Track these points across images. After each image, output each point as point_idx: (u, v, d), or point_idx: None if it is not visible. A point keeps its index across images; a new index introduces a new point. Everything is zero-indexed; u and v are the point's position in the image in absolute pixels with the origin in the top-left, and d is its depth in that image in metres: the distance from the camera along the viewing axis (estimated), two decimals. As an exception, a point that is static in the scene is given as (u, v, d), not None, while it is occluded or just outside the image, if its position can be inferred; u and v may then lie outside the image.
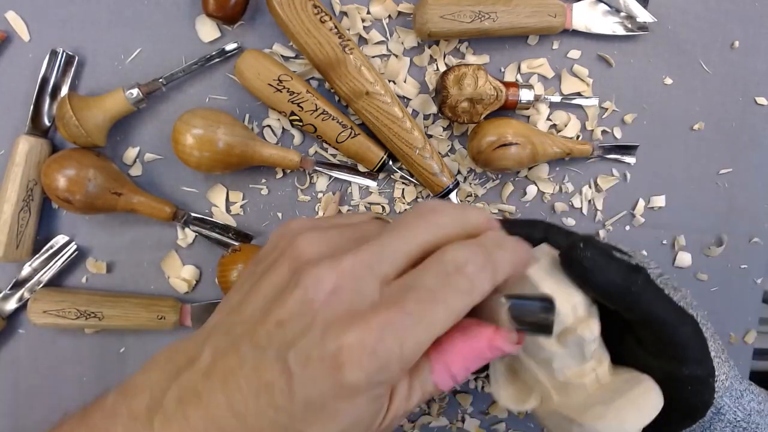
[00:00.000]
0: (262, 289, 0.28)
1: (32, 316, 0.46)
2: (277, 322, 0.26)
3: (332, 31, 0.45)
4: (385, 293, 0.27)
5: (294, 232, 0.29)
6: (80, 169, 0.44)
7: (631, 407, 0.34)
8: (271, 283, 0.28)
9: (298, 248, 0.28)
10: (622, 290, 0.35)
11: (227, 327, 0.28)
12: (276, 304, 0.27)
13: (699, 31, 0.53)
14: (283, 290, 0.27)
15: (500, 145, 0.47)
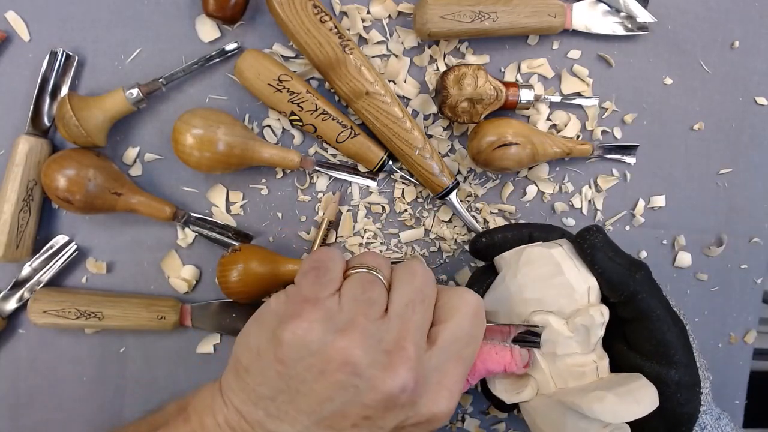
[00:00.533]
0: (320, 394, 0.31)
1: (32, 316, 0.46)
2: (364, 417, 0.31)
3: (332, 31, 0.45)
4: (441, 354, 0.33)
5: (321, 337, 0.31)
6: (80, 169, 0.44)
7: (630, 397, 0.35)
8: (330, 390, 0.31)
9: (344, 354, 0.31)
10: (624, 278, 0.37)
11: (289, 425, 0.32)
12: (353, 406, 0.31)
13: (699, 31, 0.53)
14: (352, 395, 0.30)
15: (500, 145, 0.47)
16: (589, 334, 0.37)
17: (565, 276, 0.37)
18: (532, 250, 0.39)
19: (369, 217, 0.51)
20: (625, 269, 0.37)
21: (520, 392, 0.39)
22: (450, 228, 0.52)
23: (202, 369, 0.51)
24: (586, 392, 0.36)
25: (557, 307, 0.37)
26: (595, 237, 0.38)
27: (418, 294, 0.34)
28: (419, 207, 0.52)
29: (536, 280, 0.38)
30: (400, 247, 0.52)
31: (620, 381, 0.37)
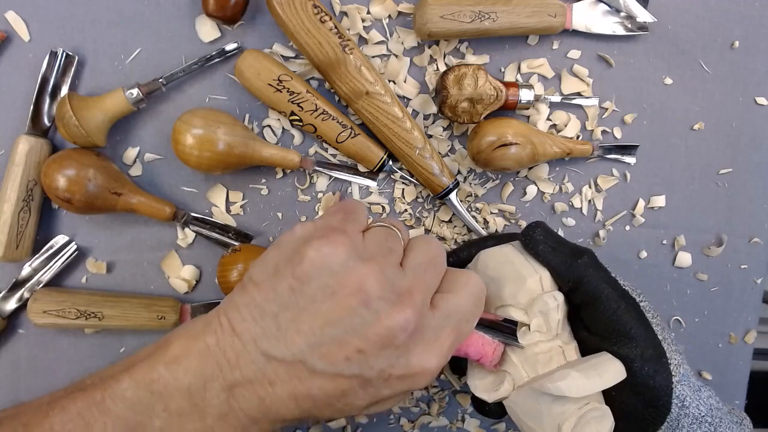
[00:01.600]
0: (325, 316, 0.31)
1: (32, 316, 0.46)
2: (359, 350, 0.31)
3: (332, 31, 0.45)
4: (440, 320, 0.34)
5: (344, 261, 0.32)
6: (80, 169, 0.44)
7: (593, 371, 0.36)
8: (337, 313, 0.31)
9: (361, 281, 0.32)
10: (567, 266, 0.39)
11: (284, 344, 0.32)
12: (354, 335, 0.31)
13: (699, 31, 0.53)
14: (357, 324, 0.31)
15: (500, 145, 0.47)
16: (548, 319, 0.38)
17: (516, 269, 0.39)
18: (486, 252, 0.42)
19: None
20: (568, 257, 0.39)
21: (498, 389, 0.40)
22: (450, 228, 0.52)
23: (202, 369, 0.51)
24: (552, 373, 0.37)
25: (514, 300, 0.39)
26: (534, 231, 0.40)
27: (431, 260, 0.35)
28: (419, 207, 0.52)
29: (493, 278, 0.40)
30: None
31: (585, 359, 0.38)
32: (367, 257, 0.33)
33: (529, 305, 0.39)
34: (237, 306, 0.33)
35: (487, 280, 0.40)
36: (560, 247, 0.40)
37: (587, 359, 0.38)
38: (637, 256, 0.55)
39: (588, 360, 0.37)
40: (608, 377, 0.36)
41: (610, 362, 0.37)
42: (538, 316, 0.38)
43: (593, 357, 0.38)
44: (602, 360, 0.37)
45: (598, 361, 0.37)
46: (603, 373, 0.36)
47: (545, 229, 0.41)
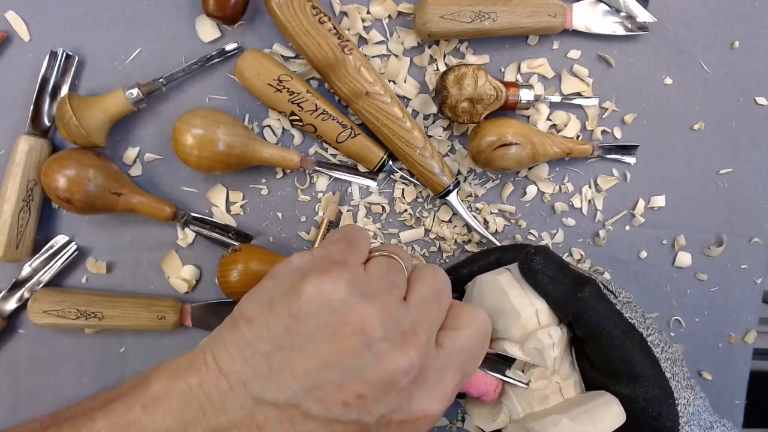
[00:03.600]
0: (323, 358, 0.29)
1: (32, 316, 0.46)
2: (358, 395, 0.29)
3: (331, 32, 0.45)
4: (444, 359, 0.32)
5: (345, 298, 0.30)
6: (80, 169, 0.44)
7: (586, 417, 0.34)
8: (336, 355, 0.29)
9: (363, 321, 0.29)
10: (567, 299, 0.37)
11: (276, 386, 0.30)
12: (353, 378, 0.29)
13: (699, 31, 0.53)
14: (357, 366, 0.29)
15: (500, 145, 0.47)
16: (543, 356, 0.37)
17: (511, 301, 0.37)
18: (482, 279, 0.40)
19: (369, 217, 0.51)
20: (568, 288, 0.37)
21: (495, 420, 0.39)
22: (450, 228, 0.52)
23: (202, 369, 0.51)
24: (544, 416, 0.35)
25: (508, 334, 0.37)
26: (532, 260, 0.38)
27: (436, 293, 0.33)
28: (419, 207, 0.52)
29: (488, 308, 0.38)
30: (400, 248, 0.52)
31: (581, 401, 0.36)
32: (369, 293, 0.30)
33: (523, 340, 0.37)
34: (225, 343, 0.31)
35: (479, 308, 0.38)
36: (560, 276, 0.37)
37: (584, 401, 0.36)
38: (637, 256, 0.55)
39: (584, 403, 0.36)
40: (602, 425, 0.34)
41: (607, 407, 0.35)
42: (533, 353, 0.37)
43: (591, 398, 0.36)
44: (599, 404, 0.35)
45: (594, 405, 0.35)
46: (597, 420, 0.34)
47: (545, 256, 0.38)
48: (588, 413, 0.35)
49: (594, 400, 0.36)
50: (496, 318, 0.38)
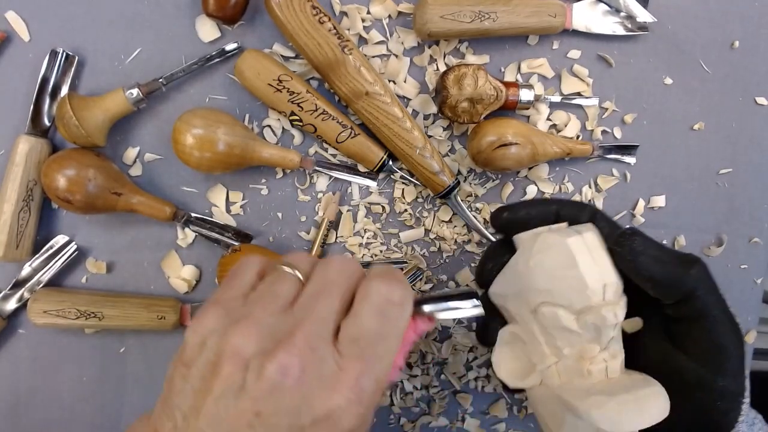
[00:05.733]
0: (215, 392, 0.29)
1: (32, 316, 0.46)
2: (255, 413, 0.29)
3: (331, 32, 0.45)
4: (342, 350, 0.30)
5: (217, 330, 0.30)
6: (80, 169, 0.44)
7: (634, 406, 0.32)
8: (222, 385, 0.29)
9: (235, 345, 0.29)
10: (677, 278, 0.34)
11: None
12: (244, 400, 0.28)
13: (699, 31, 0.53)
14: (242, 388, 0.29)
15: (500, 145, 0.47)
16: (600, 333, 0.35)
17: (579, 270, 0.34)
18: (548, 237, 0.36)
19: (369, 217, 0.51)
20: (676, 268, 0.34)
21: (524, 379, 0.37)
22: (450, 228, 0.52)
23: (202, 369, 0.51)
24: (588, 395, 0.34)
25: (567, 301, 0.35)
26: (632, 241, 0.35)
27: (326, 285, 0.32)
28: (419, 207, 0.52)
29: (548, 270, 0.35)
30: (400, 247, 0.52)
31: (628, 385, 0.34)
32: (240, 316, 0.30)
33: (582, 312, 0.35)
34: (158, 405, 0.33)
35: (538, 268, 0.36)
36: (664, 256, 0.35)
37: (631, 386, 0.34)
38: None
39: (632, 389, 0.34)
40: (648, 417, 0.33)
41: (656, 399, 0.33)
42: (590, 327, 0.35)
43: (639, 384, 0.34)
44: (647, 394, 0.34)
45: (645, 394, 0.33)
46: (645, 411, 0.33)
47: (644, 237, 0.35)
48: (637, 402, 0.33)
49: (644, 388, 0.34)
50: (556, 283, 0.35)
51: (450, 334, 0.53)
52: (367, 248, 0.52)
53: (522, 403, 0.54)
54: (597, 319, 0.34)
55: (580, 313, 0.34)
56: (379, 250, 0.52)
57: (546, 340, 0.36)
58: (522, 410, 0.54)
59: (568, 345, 0.35)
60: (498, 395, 0.54)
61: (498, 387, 0.53)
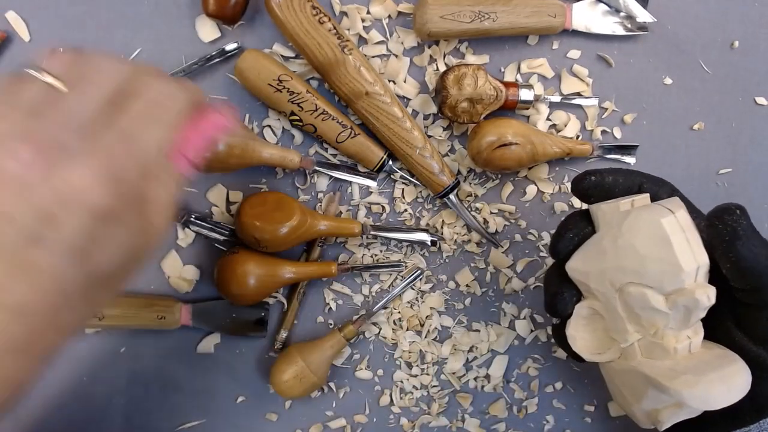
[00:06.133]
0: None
1: (32, 316, 0.46)
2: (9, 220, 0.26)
3: (331, 32, 0.45)
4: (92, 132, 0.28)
5: None
6: (80, 169, 0.44)
7: (721, 383, 0.33)
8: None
9: None
10: (761, 270, 0.34)
11: None
12: None
13: (699, 31, 0.53)
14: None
15: (500, 145, 0.47)
16: (689, 314, 0.34)
17: (674, 252, 0.33)
18: (640, 216, 0.35)
19: (369, 217, 0.52)
20: (765, 259, 0.34)
21: (601, 354, 0.38)
22: (450, 228, 0.52)
23: (202, 369, 0.51)
24: (676, 374, 0.34)
25: (658, 283, 0.34)
26: (738, 223, 0.33)
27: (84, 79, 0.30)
28: (419, 207, 0.52)
29: (639, 250, 0.34)
30: (400, 247, 0.52)
31: (714, 363, 0.35)
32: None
33: (673, 293, 0.34)
34: None
35: (627, 247, 0.34)
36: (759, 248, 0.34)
37: (716, 364, 0.34)
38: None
39: (718, 366, 0.34)
40: (735, 394, 0.33)
41: (741, 375, 0.34)
42: (680, 309, 0.34)
43: (723, 360, 0.35)
44: (733, 371, 0.34)
45: (728, 371, 0.34)
46: (731, 389, 0.33)
47: (749, 222, 0.34)
48: (724, 380, 0.33)
49: (730, 366, 0.34)
50: (648, 264, 0.34)
51: (450, 334, 0.53)
52: (368, 248, 0.52)
53: (522, 403, 0.54)
54: (689, 302, 0.34)
55: (670, 294, 0.34)
56: (379, 250, 0.52)
57: (629, 317, 0.36)
58: (522, 410, 0.54)
59: (654, 324, 0.35)
60: (498, 395, 0.54)
61: (498, 387, 0.53)
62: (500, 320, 0.53)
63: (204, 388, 0.52)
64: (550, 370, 0.54)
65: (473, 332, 0.53)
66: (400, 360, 0.53)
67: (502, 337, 0.53)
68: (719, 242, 0.34)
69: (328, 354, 0.49)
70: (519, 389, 0.54)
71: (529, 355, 0.54)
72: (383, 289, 0.52)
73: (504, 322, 0.53)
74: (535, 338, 0.53)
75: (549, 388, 0.54)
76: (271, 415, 0.52)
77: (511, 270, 0.53)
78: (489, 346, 0.53)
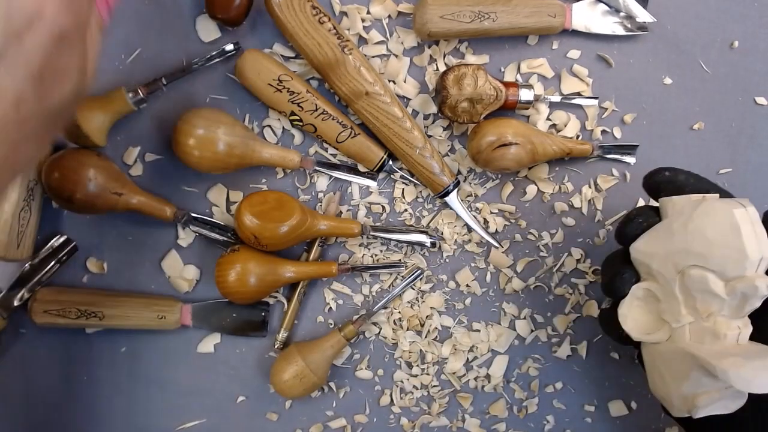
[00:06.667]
0: None
1: (33, 316, 0.46)
2: None
3: (331, 32, 0.45)
4: None
5: None
6: (80, 169, 0.44)
7: (764, 372, 0.34)
8: None
9: None
10: None
11: None
12: None
13: (699, 31, 0.53)
14: None
15: (500, 145, 0.47)
16: (745, 302, 0.36)
17: (742, 241, 0.35)
18: (713, 204, 0.37)
19: (369, 217, 0.52)
20: None
21: (651, 334, 0.39)
22: (450, 228, 0.52)
23: (203, 369, 0.51)
24: (724, 355, 0.35)
25: (722, 268, 0.36)
26: None
27: None
28: (419, 207, 0.52)
29: (707, 236, 0.36)
30: (401, 247, 0.52)
31: (759, 353, 0.36)
32: None
33: (733, 280, 0.36)
34: None
35: (696, 232, 0.36)
36: None
37: (760, 353, 0.36)
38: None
39: (762, 356, 0.36)
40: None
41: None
42: (737, 295, 0.36)
43: (766, 351, 0.36)
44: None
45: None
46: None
47: None
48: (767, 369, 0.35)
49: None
50: (715, 249, 0.36)
51: (450, 333, 0.53)
52: (368, 248, 0.52)
53: (522, 403, 0.54)
54: (749, 289, 0.35)
55: (730, 280, 0.36)
56: (379, 250, 0.52)
57: (685, 300, 0.38)
58: (522, 410, 0.54)
59: (708, 309, 0.37)
60: (498, 395, 0.54)
61: (498, 387, 0.53)
62: (500, 320, 0.53)
63: (204, 388, 0.52)
64: (550, 370, 0.54)
65: (473, 332, 0.53)
66: (401, 360, 0.53)
67: (502, 337, 0.53)
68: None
69: (328, 354, 0.49)
70: (519, 389, 0.54)
71: (529, 355, 0.54)
72: (383, 289, 0.52)
73: (504, 322, 0.53)
74: (535, 338, 0.53)
75: (549, 388, 0.54)
76: (272, 414, 0.52)
77: (511, 270, 0.53)
78: (489, 346, 0.53)
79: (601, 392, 0.54)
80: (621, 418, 0.54)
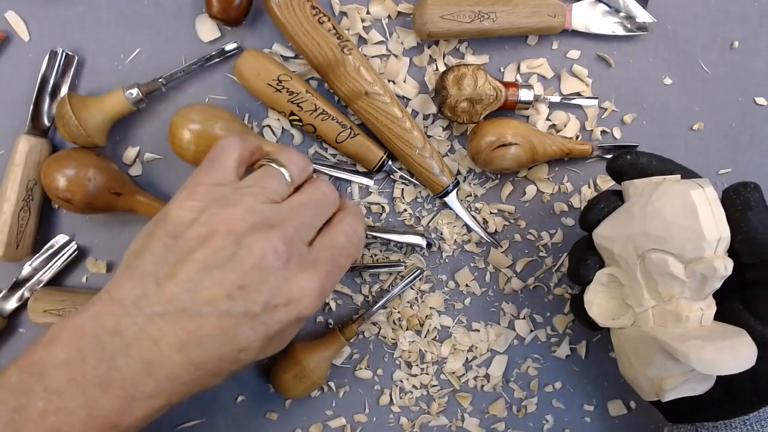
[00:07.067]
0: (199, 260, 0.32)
1: (33, 316, 0.46)
2: (239, 286, 0.32)
3: (331, 32, 0.45)
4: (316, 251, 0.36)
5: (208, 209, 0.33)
6: (80, 169, 0.44)
7: (729, 351, 0.34)
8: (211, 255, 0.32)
9: (229, 222, 0.32)
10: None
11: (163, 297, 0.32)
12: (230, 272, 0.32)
13: (699, 31, 0.53)
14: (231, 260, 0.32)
15: (500, 145, 0.47)
16: (705, 284, 0.36)
17: (699, 222, 0.35)
18: (671, 186, 0.37)
19: (369, 217, 0.52)
20: None
21: (616, 319, 0.39)
22: (450, 228, 0.52)
23: (202, 368, 0.51)
24: (685, 339, 0.35)
25: (680, 250, 0.36)
26: (751, 195, 0.36)
27: (314, 201, 0.37)
28: (419, 207, 0.52)
29: (665, 218, 0.36)
30: (400, 247, 0.52)
31: (722, 333, 0.36)
32: (232, 200, 0.33)
33: (692, 261, 0.36)
34: (118, 278, 0.33)
35: (655, 214, 0.36)
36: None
37: (725, 334, 0.36)
38: (637, 256, 0.55)
39: (726, 336, 0.36)
40: (741, 362, 0.35)
41: (748, 347, 0.35)
42: (697, 277, 0.36)
43: (731, 333, 0.36)
44: (740, 342, 0.36)
45: (736, 342, 0.35)
46: (738, 356, 0.35)
47: (761, 196, 0.36)
48: (731, 348, 0.35)
49: (737, 337, 0.36)
50: (673, 231, 0.36)
51: (450, 333, 0.53)
52: (367, 248, 0.52)
53: (521, 403, 0.54)
54: (707, 270, 0.35)
55: (689, 262, 0.36)
56: (379, 250, 0.52)
57: (647, 284, 0.38)
58: (521, 410, 0.54)
59: (670, 292, 0.37)
60: (498, 395, 0.54)
61: (497, 386, 0.53)
62: (500, 320, 0.53)
63: (204, 387, 0.52)
64: (549, 370, 0.54)
65: (473, 332, 0.53)
66: (400, 359, 0.53)
67: (501, 337, 0.53)
68: (732, 212, 0.36)
69: (327, 353, 0.49)
70: (518, 389, 0.54)
71: (528, 355, 0.54)
72: (383, 288, 0.52)
73: (503, 322, 0.53)
74: (534, 338, 0.54)
75: (548, 388, 0.54)
76: (271, 414, 0.52)
77: (511, 270, 0.53)
78: (488, 346, 0.53)
79: (600, 392, 0.54)
80: (620, 418, 0.54)
